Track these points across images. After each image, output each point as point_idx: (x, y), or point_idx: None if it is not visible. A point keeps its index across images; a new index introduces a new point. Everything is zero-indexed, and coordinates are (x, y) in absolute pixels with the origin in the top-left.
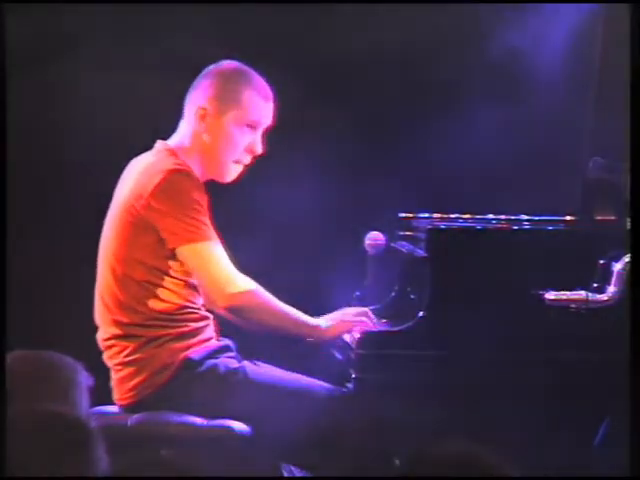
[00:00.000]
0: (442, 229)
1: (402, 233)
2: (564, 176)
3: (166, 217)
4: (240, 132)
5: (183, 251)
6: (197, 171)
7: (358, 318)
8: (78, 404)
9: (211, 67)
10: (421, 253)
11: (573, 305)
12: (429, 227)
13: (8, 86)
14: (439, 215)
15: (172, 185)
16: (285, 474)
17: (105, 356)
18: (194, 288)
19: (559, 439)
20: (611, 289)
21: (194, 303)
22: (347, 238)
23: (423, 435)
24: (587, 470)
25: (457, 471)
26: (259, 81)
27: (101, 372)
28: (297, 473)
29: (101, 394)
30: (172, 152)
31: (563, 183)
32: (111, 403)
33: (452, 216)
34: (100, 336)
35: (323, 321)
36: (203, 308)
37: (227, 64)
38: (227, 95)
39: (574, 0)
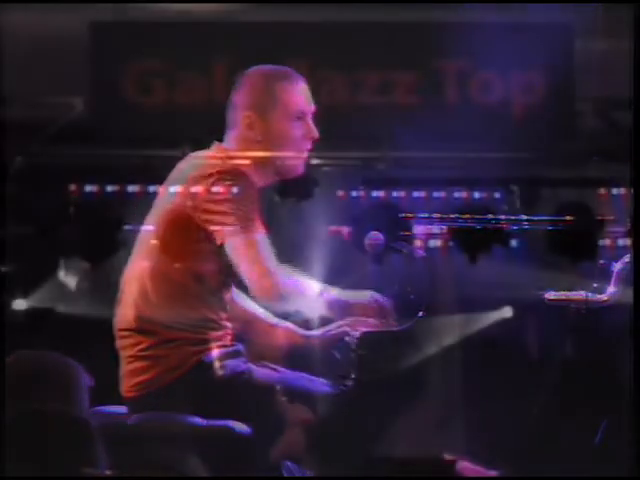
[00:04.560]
0: (442, 229)
1: (402, 233)
2: (564, 175)
3: (216, 214)
4: (290, 126)
5: (230, 243)
6: (256, 175)
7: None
8: (78, 404)
9: (241, 77)
10: (421, 253)
11: (573, 305)
12: (429, 227)
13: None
14: (439, 215)
15: (225, 186)
16: (285, 474)
17: (118, 344)
18: (222, 302)
19: (559, 439)
20: (611, 289)
21: (219, 316)
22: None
23: (423, 435)
24: (587, 470)
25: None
26: (286, 72)
27: (101, 372)
28: (297, 473)
29: (102, 394)
30: (229, 156)
31: (562, 181)
32: (111, 403)
33: (452, 216)
34: (118, 324)
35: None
36: (227, 321)
37: (254, 70)
38: (265, 97)
39: (575, 0)
